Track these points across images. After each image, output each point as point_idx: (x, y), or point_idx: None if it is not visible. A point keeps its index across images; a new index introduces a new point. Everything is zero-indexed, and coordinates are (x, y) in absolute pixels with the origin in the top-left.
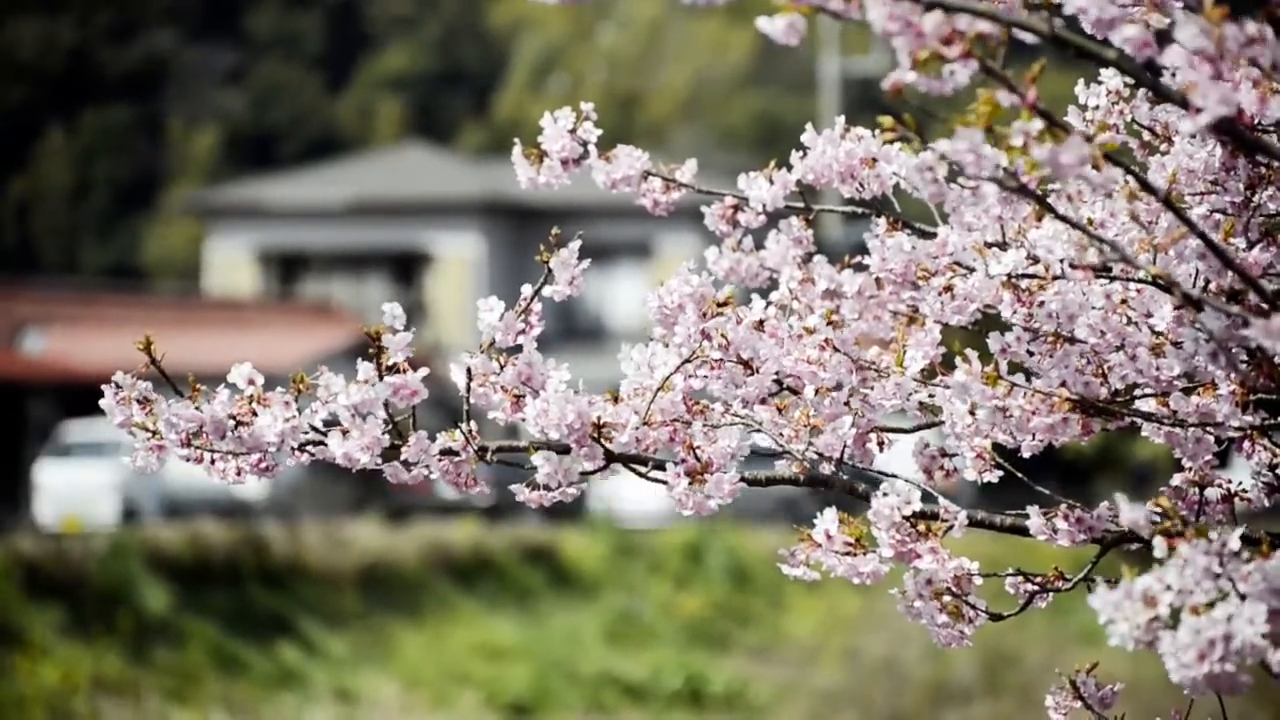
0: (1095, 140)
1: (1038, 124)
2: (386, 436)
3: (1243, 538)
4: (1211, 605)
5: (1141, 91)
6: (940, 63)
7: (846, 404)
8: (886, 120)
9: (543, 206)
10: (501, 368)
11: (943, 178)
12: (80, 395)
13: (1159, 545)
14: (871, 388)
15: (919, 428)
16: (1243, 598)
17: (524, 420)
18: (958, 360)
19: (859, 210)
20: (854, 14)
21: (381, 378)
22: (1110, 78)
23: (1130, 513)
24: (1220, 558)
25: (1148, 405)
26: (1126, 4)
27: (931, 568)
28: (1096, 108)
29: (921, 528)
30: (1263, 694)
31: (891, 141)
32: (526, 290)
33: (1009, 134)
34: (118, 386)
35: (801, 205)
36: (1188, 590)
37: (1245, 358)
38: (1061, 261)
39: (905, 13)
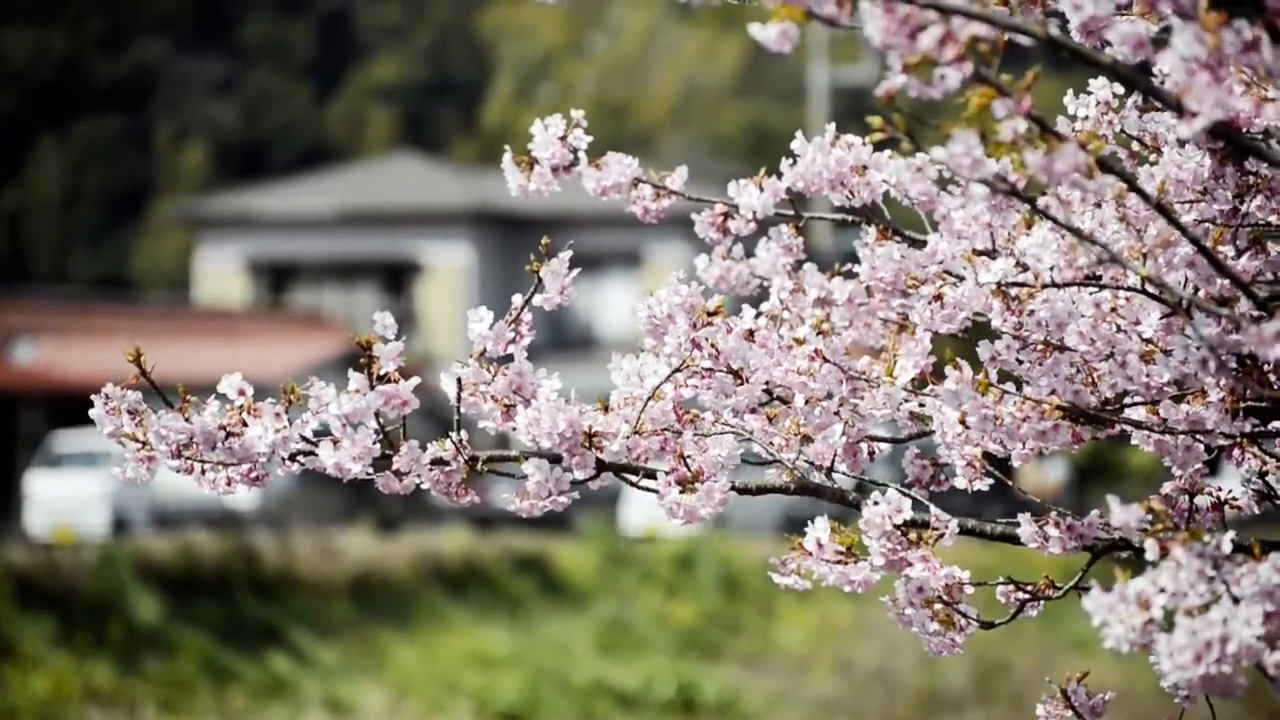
0: (1088, 147)
1: (1028, 124)
2: (378, 446)
3: (1233, 544)
4: (1205, 608)
5: (1131, 101)
6: (932, 67)
7: (837, 413)
8: (876, 120)
9: (532, 216)
10: (492, 377)
11: (932, 181)
12: (70, 405)
13: (1151, 548)
14: (862, 397)
15: (910, 437)
16: (1236, 601)
17: (515, 429)
18: (948, 368)
19: (849, 218)
20: (845, 20)
21: (373, 387)
22: (1100, 88)
23: (1121, 515)
24: (1214, 561)
25: (1138, 413)
26: (1121, 6)
27: (923, 576)
28: (1086, 118)
29: (913, 536)
30: (1256, 700)
31: (881, 145)
32: (517, 300)
33: (998, 133)
34: (107, 397)
35: (791, 213)
36: (1181, 593)
37: (1235, 365)
38: (1051, 269)
39: (901, 15)
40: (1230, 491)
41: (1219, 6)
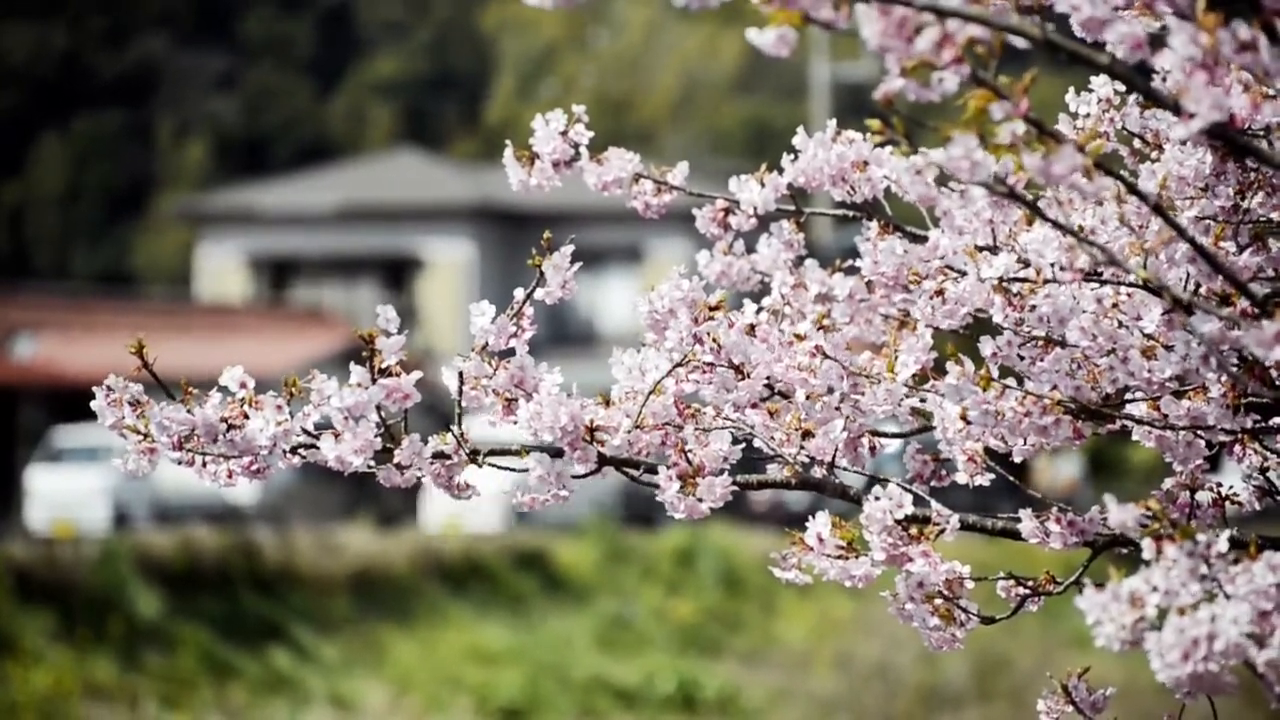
0: (1086, 148)
1: (1026, 127)
2: (379, 439)
3: (1231, 541)
4: (1198, 606)
5: (1132, 98)
6: (930, 69)
7: (838, 409)
8: (874, 123)
9: (533, 211)
10: (494, 371)
11: (932, 181)
12: (71, 400)
13: (1148, 547)
14: (863, 393)
15: (910, 433)
16: (1230, 599)
17: (516, 424)
18: (949, 364)
19: (850, 214)
20: (843, 24)
21: (375, 381)
22: (1101, 85)
23: (1119, 514)
24: (1206, 559)
25: (1139, 409)
26: (1119, 6)
27: (923, 571)
28: (1087, 115)
29: (913, 531)
30: (1255, 696)
31: (881, 145)
32: (519, 294)
33: (997, 135)
34: (109, 389)
35: (793, 208)
36: (1174, 592)
37: (1236, 361)
38: (1052, 265)
39: (897, 18)
40: (1231, 487)
41: (1216, 6)
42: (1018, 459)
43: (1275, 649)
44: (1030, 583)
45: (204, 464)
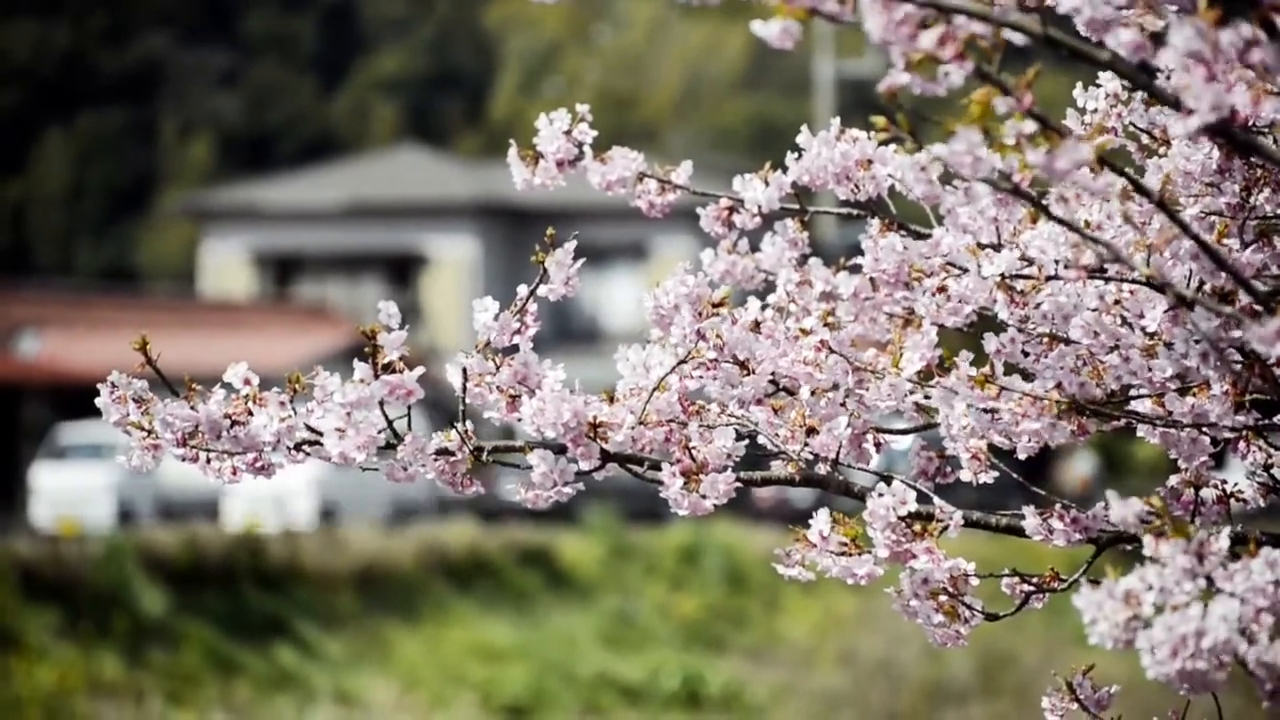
0: (1092, 144)
1: (1031, 124)
2: (382, 436)
3: (1234, 537)
4: (1190, 604)
5: (1138, 94)
6: (935, 64)
7: (842, 405)
8: (880, 120)
9: (538, 208)
10: (497, 368)
11: (937, 178)
12: (75, 397)
13: (1149, 544)
14: (867, 389)
15: (915, 429)
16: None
17: (520, 420)
18: (954, 364)
19: (854, 212)
20: (848, 17)
21: (377, 376)
22: (1108, 80)
23: (1121, 509)
24: (1200, 557)
25: (1143, 406)
26: (1121, 4)
27: (927, 568)
28: (1094, 111)
29: (917, 528)
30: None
31: (885, 143)
32: (522, 290)
33: (1003, 134)
34: (114, 385)
35: (797, 207)
36: (1169, 590)
37: (1238, 358)
38: (1056, 262)
39: (899, 17)
40: (1236, 484)
41: (1216, 3)
42: (1022, 456)
43: (1265, 646)
44: (1035, 579)
45: (208, 460)
